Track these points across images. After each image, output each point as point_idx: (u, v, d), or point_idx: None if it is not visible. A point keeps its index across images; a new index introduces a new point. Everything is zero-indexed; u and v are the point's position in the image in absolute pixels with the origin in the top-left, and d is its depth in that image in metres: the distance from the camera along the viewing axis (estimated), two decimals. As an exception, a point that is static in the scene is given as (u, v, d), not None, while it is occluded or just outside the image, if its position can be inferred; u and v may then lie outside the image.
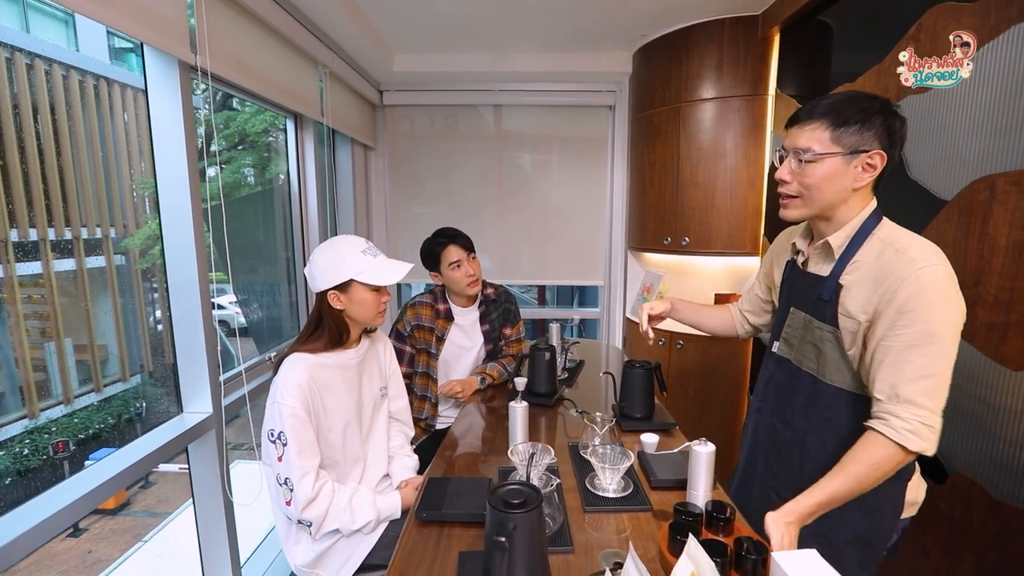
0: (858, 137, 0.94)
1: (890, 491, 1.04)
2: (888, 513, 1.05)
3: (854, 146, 0.95)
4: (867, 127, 0.94)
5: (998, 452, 1.23)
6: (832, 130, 0.96)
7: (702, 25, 2.38)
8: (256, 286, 2.24)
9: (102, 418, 4.39)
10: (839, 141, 0.95)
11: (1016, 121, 1.20)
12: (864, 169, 0.96)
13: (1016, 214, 1.19)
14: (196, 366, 1.60)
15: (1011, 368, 1.20)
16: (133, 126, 4.41)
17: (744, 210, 2.40)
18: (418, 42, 2.72)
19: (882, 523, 1.05)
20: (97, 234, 4.13)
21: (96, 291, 4.25)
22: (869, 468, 0.92)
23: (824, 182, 0.97)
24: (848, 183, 0.97)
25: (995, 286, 1.23)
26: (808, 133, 0.98)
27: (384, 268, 1.23)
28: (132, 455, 1.35)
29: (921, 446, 0.90)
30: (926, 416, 0.89)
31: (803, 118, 1.00)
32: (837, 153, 0.95)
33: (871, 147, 0.94)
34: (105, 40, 4.47)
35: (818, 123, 0.97)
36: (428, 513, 1.08)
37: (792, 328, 1.13)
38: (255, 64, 1.80)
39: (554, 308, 5.43)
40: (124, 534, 4.62)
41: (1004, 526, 1.21)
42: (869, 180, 0.97)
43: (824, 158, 0.96)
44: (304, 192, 2.38)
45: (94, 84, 4.10)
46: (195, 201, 1.53)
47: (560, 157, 3.34)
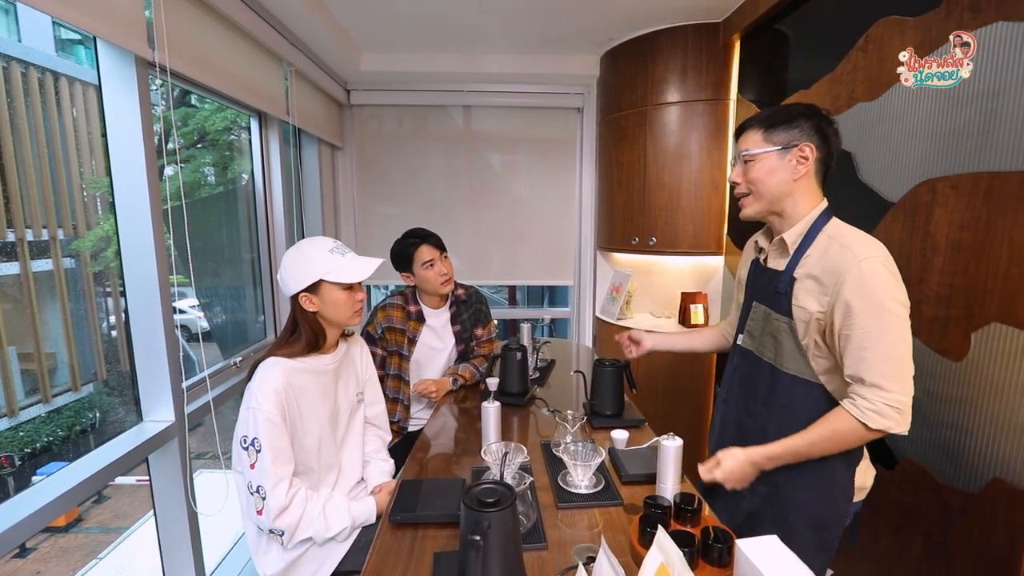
0: (787, 134, 1.08)
1: (840, 476, 1.11)
2: (840, 497, 1.12)
3: (784, 142, 1.08)
4: (793, 125, 1.08)
5: (942, 438, 1.31)
6: (764, 132, 1.10)
7: (667, 31, 2.44)
8: (220, 289, 2.17)
9: (51, 430, 4.15)
10: (771, 139, 1.09)
11: (953, 129, 1.28)
12: (799, 162, 1.08)
13: (955, 215, 1.27)
14: (156, 373, 1.55)
15: (952, 359, 1.29)
16: (83, 122, 4.18)
17: (708, 211, 2.48)
18: (386, 41, 2.69)
19: (835, 507, 1.12)
20: (44, 236, 3.91)
21: (43, 296, 4.02)
22: (829, 432, 1.02)
23: (765, 176, 1.10)
24: (787, 175, 1.09)
25: (937, 283, 1.32)
26: (746, 138, 1.14)
27: (353, 265, 1.22)
28: (86, 468, 1.29)
29: (884, 424, 0.97)
30: (892, 398, 0.96)
31: (743, 128, 1.16)
32: (771, 150, 1.09)
33: (800, 141, 1.07)
34: (51, 31, 4.24)
35: (753, 129, 1.12)
36: (402, 515, 1.07)
37: (754, 321, 1.20)
38: (217, 60, 1.74)
39: (525, 308, 5.46)
40: (76, 552, 4.38)
41: (948, 507, 1.29)
42: (806, 173, 1.08)
43: (761, 156, 1.10)
44: (270, 192, 2.32)
45: (39, 77, 3.87)
46: (154, 201, 1.48)
47: (529, 158, 3.36)
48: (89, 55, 1.47)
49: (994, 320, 1.18)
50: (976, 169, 1.22)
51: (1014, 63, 1.15)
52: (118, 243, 1.50)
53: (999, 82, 1.17)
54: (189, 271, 1.53)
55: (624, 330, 2.61)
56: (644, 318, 2.96)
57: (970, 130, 1.23)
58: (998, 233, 1.17)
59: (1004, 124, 1.16)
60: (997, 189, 1.17)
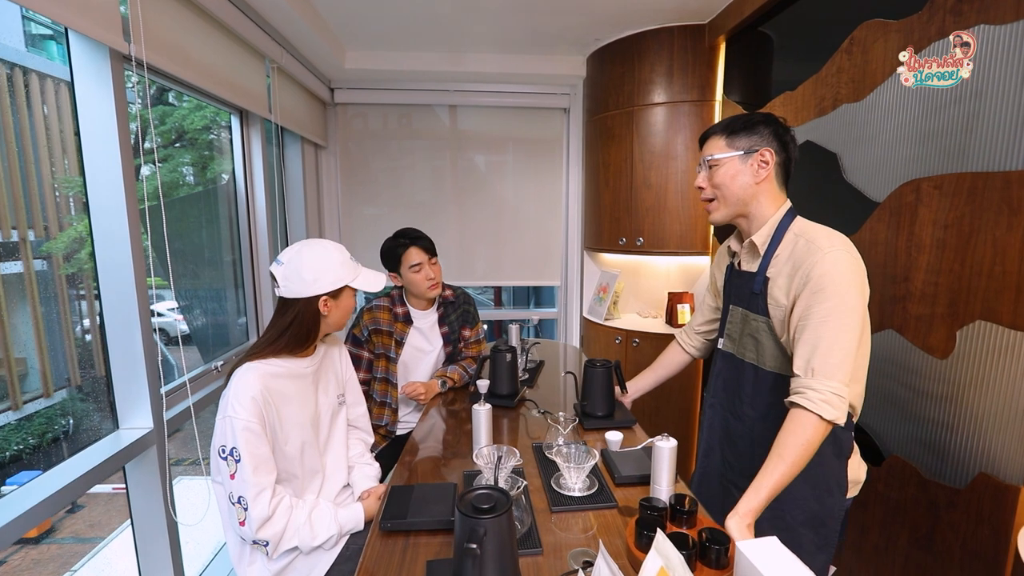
0: (748, 140, 1.12)
1: (834, 470, 1.11)
2: (836, 491, 1.12)
3: (746, 147, 1.12)
4: (754, 131, 1.12)
5: (927, 434, 1.33)
6: (726, 138, 1.14)
7: (653, 32, 2.45)
8: (200, 291, 2.11)
9: (21, 438, 4.00)
10: (732, 145, 1.14)
11: (935, 130, 1.30)
12: (760, 166, 1.12)
13: (938, 214, 1.29)
14: (134, 378, 1.49)
15: (937, 356, 1.31)
16: (55, 120, 4.05)
17: (695, 211, 2.50)
18: (371, 39, 2.65)
19: (831, 502, 1.12)
20: (14, 237, 3.77)
21: (13, 299, 3.87)
22: (803, 449, 0.99)
23: (729, 180, 1.14)
24: (749, 179, 1.12)
25: (922, 281, 1.34)
26: (710, 144, 1.18)
27: (369, 274, 1.29)
28: (60, 479, 1.23)
29: (834, 415, 0.97)
30: (836, 387, 0.98)
31: (706, 136, 1.19)
32: (734, 155, 1.13)
33: (760, 146, 1.11)
34: (20, 25, 4.09)
35: (716, 136, 1.17)
36: (392, 523, 1.04)
37: (733, 324, 1.22)
38: (197, 55, 1.69)
39: (511, 309, 5.44)
40: (49, 564, 4.23)
41: (934, 502, 1.31)
42: (767, 176, 1.12)
43: (724, 160, 1.14)
44: (252, 192, 2.26)
45: (7, 73, 3.74)
46: (131, 201, 1.43)
47: (516, 158, 3.35)
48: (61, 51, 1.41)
49: (978, 318, 1.20)
50: (959, 170, 1.24)
51: (995, 66, 1.17)
52: (92, 244, 1.45)
53: (980, 85, 1.19)
54: (168, 273, 1.48)
55: (613, 330, 2.62)
56: (631, 318, 2.96)
57: (953, 131, 1.25)
58: (981, 232, 1.19)
59: (985, 126, 1.18)
60: (980, 189, 1.19)
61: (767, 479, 0.99)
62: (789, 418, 1.02)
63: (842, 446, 1.10)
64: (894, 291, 1.41)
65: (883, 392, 1.45)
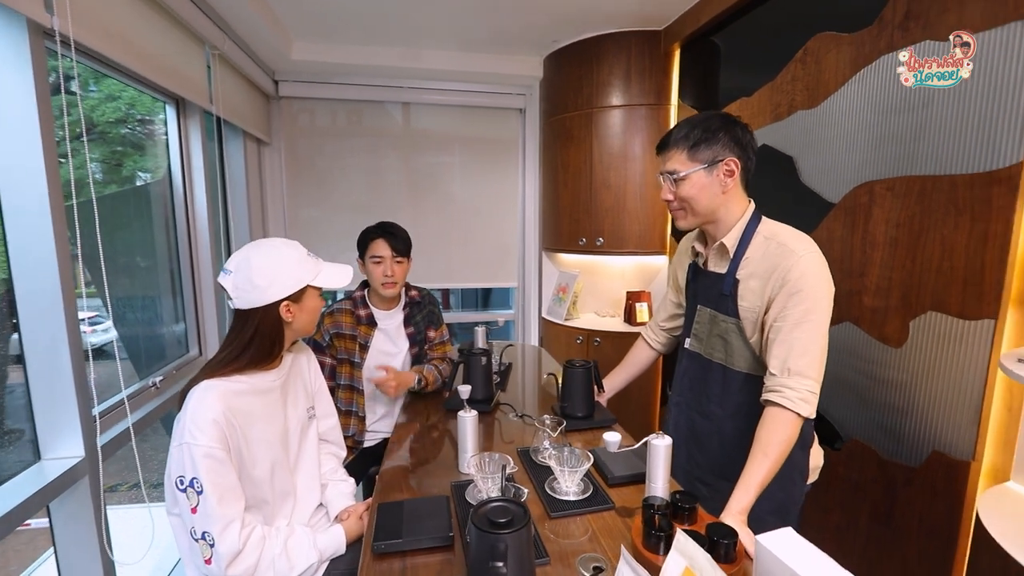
0: (709, 151, 1.11)
1: (798, 460, 1.16)
2: (798, 480, 1.18)
3: (709, 159, 1.11)
4: (714, 141, 1.10)
5: (884, 418, 1.43)
6: (687, 151, 1.12)
7: (611, 36, 2.50)
8: (133, 300, 1.89)
9: None
10: (695, 158, 1.12)
11: (885, 136, 1.41)
12: (725, 175, 1.12)
13: (891, 214, 1.40)
14: (60, 400, 1.30)
15: (891, 346, 1.41)
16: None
17: (652, 212, 2.57)
18: (321, 30, 2.51)
19: (795, 490, 1.18)
20: None
21: None
22: (784, 445, 1.03)
23: (696, 192, 1.13)
24: (716, 190, 1.12)
25: (877, 276, 1.44)
26: (671, 158, 1.15)
27: (334, 270, 1.15)
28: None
29: (809, 411, 1.03)
30: (811, 385, 1.03)
31: (665, 147, 1.16)
32: (699, 168, 1.11)
33: (724, 156, 1.10)
34: None
35: (675, 148, 1.14)
36: (386, 544, 0.97)
37: (700, 324, 1.24)
38: (130, 35, 1.51)
39: (459, 312, 5.36)
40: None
41: (892, 481, 1.41)
42: (733, 184, 1.12)
43: (689, 175, 1.12)
44: (191, 191, 2.06)
45: None
46: (55, 198, 1.25)
47: (471, 158, 3.30)
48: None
49: (929, 309, 1.31)
50: (909, 173, 1.35)
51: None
52: (5, 249, 1.25)
53: (927, 95, 1.30)
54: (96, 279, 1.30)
55: (573, 330, 2.63)
56: (590, 317, 3.00)
57: (903, 138, 1.36)
58: (930, 231, 1.30)
59: (932, 133, 1.29)
60: (928, 191, 1.30)
61: (754, 476, 1.03)
62: (768, 416, 1.05)
63: (805, 438, 1.16)
64: (850, 285, 1.51)
65: (843, 381, 1.54)
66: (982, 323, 1.20)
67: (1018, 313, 1.18)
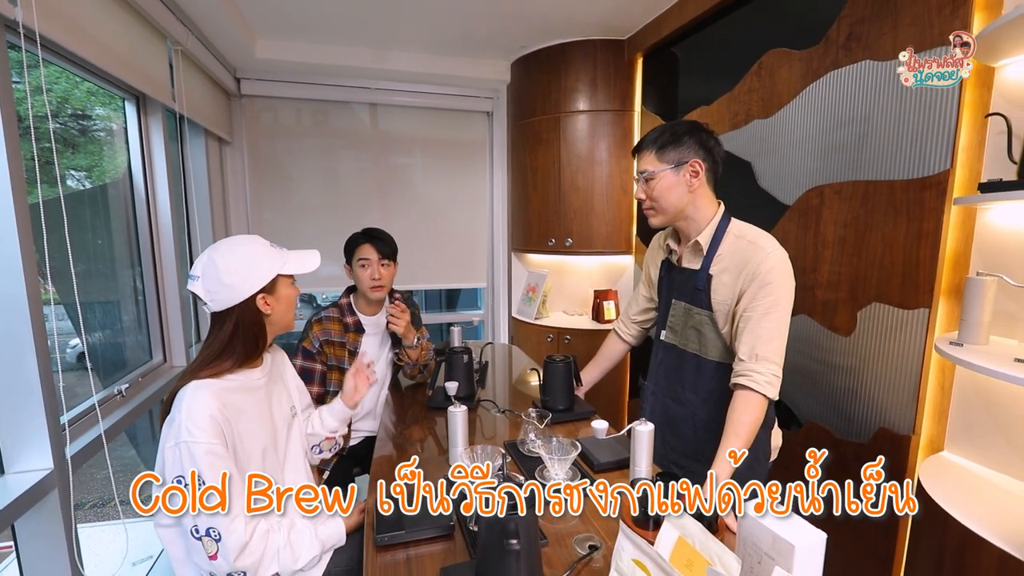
0: (676, 153, 1.21)
1: (763, 441, 1.27)
2: (763, 459, 1.29)
3: (676, 160, 1.21)
4: (680, 144, 1.21)
5: (837, 401, 1.58)
6: (656, 152, 1.23)
7: (578, 43, 2.59)
8: (94, 305, 1.80)
9: None
10: (663, 159, 1.22)
11: (833, 144, 1.55)
12: (692, 175, 1.21)
13: (839, 215, 1.54)
14: (25, 410, 1.24)
15: (841, 335, 1.55)
16: None
17: (619, 213, 2.67)
18: (286, 27, 2.46)
19: (759, 468, 1.29)
20: None
21: None
22: (754, 425, 1.14)
23: (665, 191, 1.22)
24: (683, 189, 1.22)
25: (827, 271, 1.58)
26: (643, 159, 1.25)
27: (301, 256, 1.16)
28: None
29: (774, 393, 1.14)
30: (775, 369, 1.14)
31: (639, 149, 1.27)
32: (666, 168, 1.21)
33: (689, 157, 1.20)
34: None
35: (647, 150, 1.25)
36: (389, 536, 0.99)
37: (675, 317, 1.34)
38: (92, 29, 1.45)
39: (424, 312, 5.32)
40: None
41: (844, 457, 1.55)
42: (699, 184, 1.22)
43: (658, 174, 1.22)
44: (152, 191, 1.98)
45: None
46: (19, 196, 1.19)
47: (439, 161, 3.31)
48: None
49: (874, 300, 1.45)
50: (855, 178, 1.49)
51: (879, 95, 1.42)
52: (-37, 249, 1.18)
53: (868, 110, 1.45)
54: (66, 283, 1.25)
55: (544, 328, 2.70)
56: (558, 316, 3.08)
57: (849, 147, 1.50)
58: (874, 230, 1.44)
59: (874, 143, 1.44)
60: (871, 195, 1.44)
61: (726, 461, 1.11)
62: (739, 399, 1.14)
63: (768, 419, 1.27)
64: (804, 281, 1.65)
65: (800, 368, 1.68)
66: (918, 312, 1.35)
67: (947, 303, 1.33)
